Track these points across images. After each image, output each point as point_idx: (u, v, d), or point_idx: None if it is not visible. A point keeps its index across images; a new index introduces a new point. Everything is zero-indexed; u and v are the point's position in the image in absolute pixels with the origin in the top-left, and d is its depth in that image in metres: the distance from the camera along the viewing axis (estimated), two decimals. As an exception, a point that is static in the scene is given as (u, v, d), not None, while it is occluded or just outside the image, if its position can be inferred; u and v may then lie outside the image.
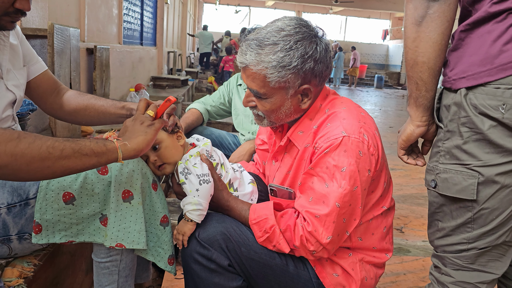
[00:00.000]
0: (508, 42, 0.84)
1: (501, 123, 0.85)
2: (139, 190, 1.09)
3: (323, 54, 1.07)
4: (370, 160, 1.04)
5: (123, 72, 4.41)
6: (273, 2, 19.74)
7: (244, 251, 1.10)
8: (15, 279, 1.07)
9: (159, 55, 7.06)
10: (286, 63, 1.03)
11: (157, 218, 1.14)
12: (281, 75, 1.04)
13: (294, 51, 1.02)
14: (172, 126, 1.22)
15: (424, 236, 2.52)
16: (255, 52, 1.05)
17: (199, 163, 1.16)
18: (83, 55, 3.07)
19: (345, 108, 1.10)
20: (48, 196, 1.06)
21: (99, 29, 3.66)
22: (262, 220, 1.10)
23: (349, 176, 1.01)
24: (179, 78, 5.88)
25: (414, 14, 0.94)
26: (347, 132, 1.03)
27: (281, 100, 1.09)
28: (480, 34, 0.89)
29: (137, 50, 5.26)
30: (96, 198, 1.08)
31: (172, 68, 8.18)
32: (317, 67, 1.06)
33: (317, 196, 1.05)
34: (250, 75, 1.08)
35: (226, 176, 1.25)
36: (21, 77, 1.23)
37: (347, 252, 1.16)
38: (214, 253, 1.08)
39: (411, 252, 2.30)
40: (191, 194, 1.11)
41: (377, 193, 1.13)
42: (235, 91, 2.28)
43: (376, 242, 1.18)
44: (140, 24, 5.79)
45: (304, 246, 1.06)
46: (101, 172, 1.07)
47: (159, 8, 7.07)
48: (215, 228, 1.10)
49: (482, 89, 0.87)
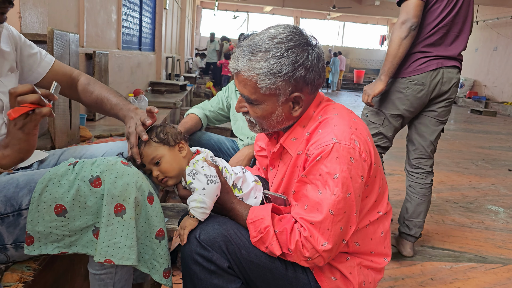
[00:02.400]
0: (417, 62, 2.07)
1: (405, 95, 2.08)
2: (133, 204, 1.06)
3: (315, 63, 1.07)
4: (363, 166, 1.05)
5: (122, 77, 4.42)
6: (271, 8, 19.81)
7: (244, 253, 1.11)
8: (14, 283, 1.07)
9: (157, 60, 7.08)
10: (276, 70, 1.03)
11: (153, 232, 1.12)
12: (271, 82, 1.05)
13: (285, 58, 1.03)
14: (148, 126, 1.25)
15: (422, 240, 2.53)
16: (247, 59, 1.06)
17: (206, 166, 1.19)
18: (82, 60, 3.07)
19: (337, 114, 1.11)
20: (40, 208, 1.04)
21: (98, 35, 3.67)
22: (258, 220, 1.11)
23: (341, 183, 1.02)
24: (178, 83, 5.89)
25: (401, 34, 1.96)
26: (337, 139, 1.03)
27: (272, 107, 1.10)
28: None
29: (136, 56, 5.28)
30: (89, 211, 1.06)
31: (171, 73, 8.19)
32: (308, 75, 1.07)
33: (311, 204, 1.05)
34: (242, 81, 1.09)
35: (230, 178, 1.27)
36: (9, 83, 1.24)
37: (345, 256, 1.17)
38: (215, 254, 1.09)
39: (409, 256, 2.31)
40: (198, 192, 1.14)
41: (371, 198, 1.14)
42: (233, 96, 2.29)
43: (373, 247, 1.18)
44: (139, 29, 5.81)
45: (300, 252, 1.06)
46: (94, 184, 1.05)
47: (157, 13, 7.09)
48: (216, 230, 1.11)
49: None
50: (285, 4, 17.28)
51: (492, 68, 13.15)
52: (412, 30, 1.92)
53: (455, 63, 2.06)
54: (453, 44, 2.04)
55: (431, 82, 2.03)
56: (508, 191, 3.76)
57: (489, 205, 3.32)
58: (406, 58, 2.04)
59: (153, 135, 1.23)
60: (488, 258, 2.37)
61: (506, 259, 2.37)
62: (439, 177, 4.00)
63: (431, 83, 2.03)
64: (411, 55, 2.04)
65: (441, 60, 2.03)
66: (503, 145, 6.22)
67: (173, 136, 1.24)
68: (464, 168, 4.51)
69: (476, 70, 13.88)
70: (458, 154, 5.23)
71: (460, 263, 2.28)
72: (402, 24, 1.93)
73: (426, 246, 2.46)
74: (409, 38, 1.94)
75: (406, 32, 1.93)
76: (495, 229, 2.82)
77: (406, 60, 2.05)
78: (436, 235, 2.64)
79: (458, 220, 2.94)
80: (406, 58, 2.04)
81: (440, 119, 2.17)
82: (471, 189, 3.75)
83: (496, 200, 3.46)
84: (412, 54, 2.04)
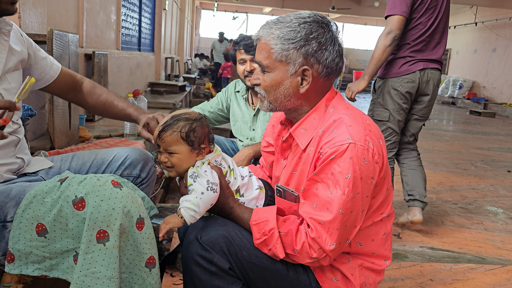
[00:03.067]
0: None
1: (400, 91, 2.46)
2: (117, 231, 0.98)
3: (329, 42, 1.11)
4: (374, 168, 1.06)
5: (121, 78, 4.42)
6: (271, 9, 19.82)
7: (245, 254, 1.11)
8: (14, 284, 1.07)
9: (157, 61, 7.08)
10: (291, 37, 1.08)
11: (142, 260, 1.05)
12: (284, 48, 1.09)
13: (301, 28, 1.09)
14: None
15: (421, 241, 2.53)
16: (269, 26, 1.13)
17: (209, 171, 1.16)
18: (81, 60, 3.07)
19: (351, 116, 1.11)
20: (22, 225, 1.00)
21: (97, 35, 3.67)
22: (263, 222, 1.10)
23: (352, 183, 1.02)
24: (177, 84, 5.89)
25: (386, 42, 2.35)
26: (353, 139, 1.04)
27: (281, 77, 1.12)
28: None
29: (135, 56, 5.28)
30: (70, 234, 1.00)
31: (170, 74, 8.19)
32: (320, 52, 1.10)
33: (321, 203, 1.05)
34: (259, 46, 1.14)
35: (235, 183, 1.24)
36: (12, 80, 1.24)
37: (346, 257, 1.17)
38: (216, 256, 1.08)
39: (409, 257, 2.31)
40: (194, 195, 1.10)
41: (378, 199, 1.14)
42: (233, 98, 2.29)
43: (375, 248, 1.18)
44: (138, 30, 5.81)
45: (306, 253, 1.06)
46: (77, 206, 0.99)
47: (157, 14, 7.09)
48: (217, 231, 1.11)
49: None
50: (284, 5, 17.29)
51: (491, 70, 13.17)
52: (395, 40, 2.36)
53: (437, 65, 2.51)
54: (435, 49, 2.50)
55: (420, 80, 2.47)
56: (507, 192, 3.76)
57: (488, 206, 3.32)
58: (397, 61, 2.49)
59: (184, 128, 1.18)
60: (487, 259, 2.37)
61: (506, 260, 2.37)
62: (438, 178, 4.00)
63: (420, 80, 2.46)
64: (401, 59, 2.48)
65: (426, 62, 2.47)
66: (502, 146, 6.23)
67: (200, 141, 1.20)
68: (463, 169, 4.51)
69: (475, 71, 13.90)
70: (457, 155, 5.23)
71: (459, 264, 2.28)
72: (388, 34, 2.36)
73: (425, 247, 2.46)
74: (392, 46, 2.37)
75: (390, 41, 2.35)
76: (495, 230, 2.82)
77: (396, 63, 2.49)
78: (435, 236, 2.64)
79: (457, 221, 2.94)
80: (397, 62, 2.49)
81: (422, 116, 2.63)
82: (470, 190, 3.75)
83: (495, 201, 3.46)
84: (402, 58, 2.47)
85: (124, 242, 1.02)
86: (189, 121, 1.20)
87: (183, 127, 1.18)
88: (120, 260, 1.01)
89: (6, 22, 1.22)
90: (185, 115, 1.22)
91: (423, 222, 2.84)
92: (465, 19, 14.27)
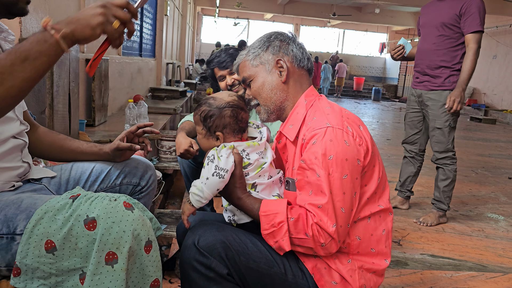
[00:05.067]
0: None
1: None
2: (126, 254, 0.98)
3: (289, 39, 1.28)
4: (358, 150, 1.11)
5: (122, 83, 4.42)
6: (272, 15, 19.90)
7: (243, 259, 1.11)
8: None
9: (158, 66, 7.09)
10: (257, 45, 1.29)
11: (147, 283, 1.05)
12: (256, 54, 1.27)
13: (263, 37, 1.30)
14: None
15: (422, 249, 2.51)
16: (241, 54, 1.32)
17: (225, 157, 1.16)
18: (82, 66, 3.08)
19: (329, 107, 1.20)
20: (31, 240, 1.00)
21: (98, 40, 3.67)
22: (272, 214, 1.11)
23: (336, 163, 1.07)
24: (178, 90, 5.89)
25: (477, 56, 2.73)
26: (331, 124, 1.11)
27: (263, 77, 1.26)
28: None
29: (136, 62, 5.29)
30: (78, 253, 1.00)
31: (171, 79, 8.20)
32: (284, 47, 1.26)
33: (314, 188, 1.09)
34: (240, 69, 1.32)
35: (254, 178, 1.23)
36: None
37: (346, 258, 1.16)
38: (213, 261, 1.08)
39: (409, 265, 2.29)
40: (201, 179, 1.14)
41: (370, 187, 1.16)
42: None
43: (374, 244, 1.19)
44: (140, 35, 5.83)
45: (315, 236, 1.08)
46: (88, 226, 0.98)
47: (158, 20, 7.11)
48: (215, 236, 1.11)
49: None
50: (285, 12, 17.36)
51: (492, 76, 13.18)
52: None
53: None
54: None
55: None
56: (508, 199, 3.75)
57: (489, 213, 3.31)
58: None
59: (204, 113, 1.26)
60: (488, 266, 2.35)
61: (507, 268, 2.36)
62: (439, 185, 3.99)
63: None
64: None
65: None
66: (503, 153, 6.21)
67: (215, 128, 1.25)
68: (464, 175, 4.50)
69: (475, 78, 13.89)
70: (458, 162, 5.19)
71: (460, 272, 2.26)
72: (478, 49, 2.69)
73: (426, 254, 2.45)
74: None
75: (478, 55, 2.72)
76: (496, 237, 2.80)
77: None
78: (436, 243, 2.62)
79: (458, 228, 2.92)
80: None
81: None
82: (471, 196, 3.74)
83: (496, 208, 3.45)
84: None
85: (131, 265, 1.02)
86: (210, 106, 1.27)
87: (204, 112, 1.27)
88: (126, 283, 1.01)
89: (9, 32, 1.23)
90: (214, 100, 1.28)
91: (423, 229, 2.83)
92: (465, 26, 14.30)
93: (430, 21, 2.87)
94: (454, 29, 2.73)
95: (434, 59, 2.82)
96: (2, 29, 1.22)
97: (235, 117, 1.25)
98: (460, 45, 2.75)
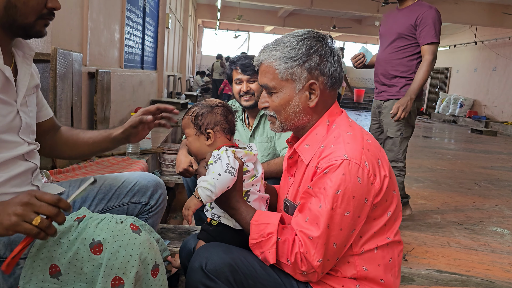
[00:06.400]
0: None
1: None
2: (132, 279, 0.96)
3: (329, 53, 1.15)
4: (369, 188, 1.05)
5: (124, 96, 4.42)
6: (272, 28, 20.04)
7: (251, 283, 1.08)
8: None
9: (159, 78, 7.11)
10: (292, 55, 1.12)
11: None
12: (288, 66, 1.12)
13: (301, 45, 1.13)
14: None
15: (428, 264, 2.48)
16: (268, 50, 1.16)
17: (232, 158, 1.17)
18: (84, 79, 3.07)
19: (351, 134, 1.11)
20: (35, 264, 0.97)
21: (101, 53, 3.68)
22: (263, 224, 1.10)
23: (341, 200, 1.02)
24: (179, 102, 5.90)
25: (431, 67, 2.73)
26: (348, 156, 1.04)
27: (290, 95, 1.15)
28: None
29: (138, 74, 5.29)
30: (84, 278, 0.97)
31: (172, 92, 8.22)
32: (323, 64, 1.14)
33: (312, 217, 1.05)
34: (262, 71, 1.18)
35: (248, 186, 1.23)
36: (30, 103, 1.22)
37: (354, 283, 1.13)
38: (221, 285, 1.05)
39: (416, 280, 2.25)
40: (212, 175, 1.13)
41: (380, 221, 1.12)
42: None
43: (382, 274, 1.15)
44: (141, 48, 5.85)
45: (297, 264, 1.06)
46: (94, 250, 0.96)
47: (160, 32, 7.15)
48: (223, 259, 1.08)
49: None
50: (285, 24, 17.49)
51: (492, 88, 13.21)
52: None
53: None
54: None
55: None
56: (513, 213, 3.72)
57: (494, 227, 3.27)
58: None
59: (194, 112, 1.28)
60: (496, 282, 2.31)
61: (515, 283, 2.32)
62: (442, 198, 3.96)
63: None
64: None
65: None
66: (505, 165, 6.19)
67: (206, 126, 1.26)
68: (467, 188, 4.47)
69: (475, 90, 13.94)
70: (460, 174, 5.19)
71: (467, 288, 2.23)
72: (433, 61, 2.69)
73: (432, 269, 2.41)
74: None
75: (433, 66, 2.72)
76: (502, 252, 2.76)
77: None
78: (442, 258, 2.59)
79: (463, 242, 2.89)
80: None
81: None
82: (475, 210, 3.70)
83: (501, 222, 3.41)
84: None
85: None
86: (201, 106, 1.29)
87: (194, 111, 1.28)
88: None
89: (29, 47, 1.21)
90: (204, 102, 1.31)
91: (428, 244, 2.80)
92: (465, 38, 14.40)
93: (388, 31, 2.90)
94: (409, 39, 2.76)
95: (389, 68, 2.85)
96: (22, 44, 1.20)
97: (225, 116, 1.29)
98: (416, 55, 2.76)
